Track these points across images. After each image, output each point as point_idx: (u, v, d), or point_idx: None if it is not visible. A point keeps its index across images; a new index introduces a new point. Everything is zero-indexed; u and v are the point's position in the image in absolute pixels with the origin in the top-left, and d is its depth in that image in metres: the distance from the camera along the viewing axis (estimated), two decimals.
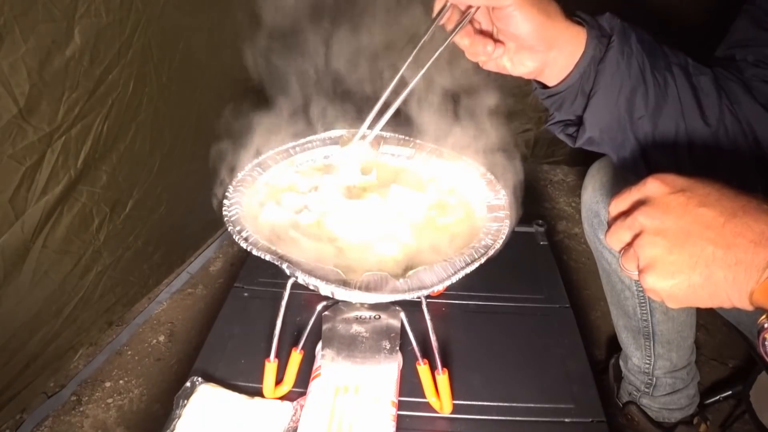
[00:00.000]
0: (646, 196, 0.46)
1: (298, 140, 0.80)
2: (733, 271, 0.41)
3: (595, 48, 0.59)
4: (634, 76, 0.60)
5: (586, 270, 1.61)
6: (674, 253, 0.43)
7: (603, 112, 0.62)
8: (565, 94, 0.63)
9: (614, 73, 0.59)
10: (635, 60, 0.60)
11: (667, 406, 1.09)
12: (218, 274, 1.56)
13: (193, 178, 1.31)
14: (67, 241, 1.05)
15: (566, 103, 0.64)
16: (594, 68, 0.60)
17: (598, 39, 0.59)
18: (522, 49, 0.59)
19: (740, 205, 0.42)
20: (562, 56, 0.60)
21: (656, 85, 0.60)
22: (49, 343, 1.11)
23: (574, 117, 0.65)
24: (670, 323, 1.01)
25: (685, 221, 0.43)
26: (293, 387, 0.77)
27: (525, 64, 0.60)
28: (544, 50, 0.58)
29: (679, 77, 0.61)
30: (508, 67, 0.61)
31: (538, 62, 0.60)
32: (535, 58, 0.59)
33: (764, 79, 0.62)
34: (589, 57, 0.60)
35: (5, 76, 0.82)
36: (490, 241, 0.63)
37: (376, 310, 0.72)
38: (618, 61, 0.59)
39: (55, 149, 0.95)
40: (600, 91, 0.60)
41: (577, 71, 0.60)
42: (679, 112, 0.61)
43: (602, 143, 0.64)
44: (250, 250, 0.59)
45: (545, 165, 2.08)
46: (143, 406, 1.20)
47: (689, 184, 0.45)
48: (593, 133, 0.63)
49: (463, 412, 0.75)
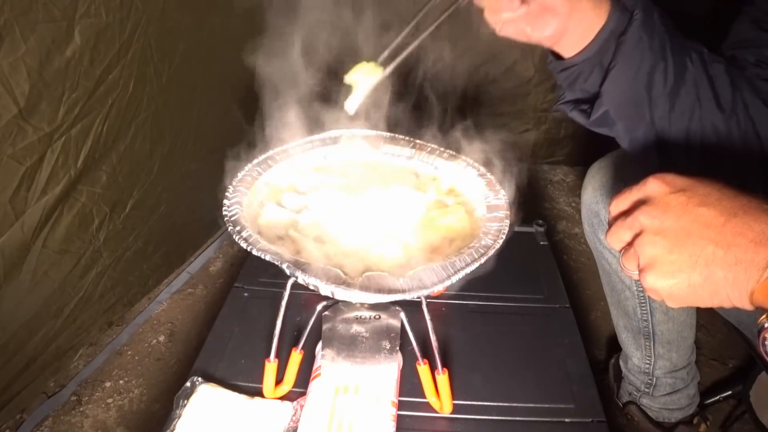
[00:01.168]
0: (647, 196, 0.46)
1: (298, 140, 0.80)
2: (734, 271, 0.40)
3: (618, 20, 0.58)
4: (656, 51, 0.59)
5: (586, 270, 1.61)
6: (674, 252, 0.43)
7: (622, 86, 0.60)
8: (581, 66, 0.62)
9: (635, 46, 0.58)
10: (657, 36, 0.59)
11: (667, 406, 1.09)
12: (218, 274, 1.56)
13: (193, 178, 1.31)
14: (67, 241, 1.05)
15: (581, 77, 0.63)
16: (614, 41, 0.59)
17: (621, 11, 0.58)
18: (544, 11, 0.58)
19: (740, 205, 0.42)
20: (583, 24, 0.59)
21: (675, 64, 0.59)
22: (49, 343, 1.11)
23: (585, 95, 0.64)
24: (670, 323, 1.01)
25: (686, 221, 0.43)
26: (293, 387, 0.77)
27: (545, 27, 0.59)
28: (567, 12, 0.58)
29: (696, 62, 0.60)
30: (527, 31, 0.60)
31: (559, 27, 0.59)
32: (556, 22, 0.58)
33: (765, 78, 0.62)
34: (609, 28, 0.58)
35: (5, 76, 0.82)
36: (490, 241, 0.63)
37: (376, 310, 0.72)
38: (641, 34, 0.58)
39: (55, 149, 0.95)
40: (620, 65, 0.59)
41: (596, 43, 0.59)
42: (695, 96, 0.61)
43: (617, 121, 0.63)
44: (250, 250, 0.59)
45: (545, 165, 2.08)
46: (143, 406, 1.20)
47: (690, 184, 0.45)
48: (610, 106, 0.61)
49: (463, 412, 0.75)
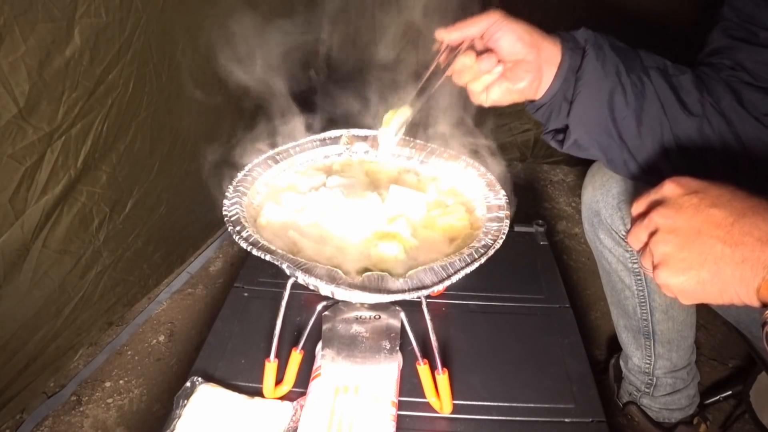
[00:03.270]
0: (663, 197, 0.49)
1: (298, 140, 0.80)
2: (741, 268, 0.42)
3: (571, 57, 0.65)
4: (611, 78, 0.65)
5: (586, 270, 1.61)
6: (685, 250, 0.45)
7: (586, 115, 0.66)
8: (551, 104, 0.68)
9: (590, 77, 0.65)
10: (610, 63, 0.65)
11: (668, 406, 1.09)
12: (218, 274, 1.56)
13: (193, 178, 1.31)
14: (67, 241, 1.05)
15: (554, 112, 0.69)
16: (573, 76, 0.66)
17: (572, 50, 0.65)
18: (518, 63, 0.65)
19: (750, 206, 0.44)
20: (549, 68, 0.66)
21: (633, 85, 0.65)
22: (49, 343, 1.11)
23: (562, 125, 0.70)
24: (670, 323, 1.01)
25: (697, 220, 0.45)
26: (293, 387, 0.77)
27: (522, 77, 0.66)
28: (536, 57, 0.64)
29: (656, 78, 0.66)
30: (510, 87, 0.66)
31: (533, 72, 0.65)
32: (530, 68, 0.65)
33: (741, 79, 0.65)
34: (566, 66, 0.65)
35: (5, 76, 0.82)
36: (490, 241, 0.63)
37: (376, 310, 0.72)
38: (594, 66, 0.65)
39: (55, 149, 0.95)
40: (580, 96, 0.65)
41: (557, 80, 0.66)
42: (659, 108, 0.65)
43: (589, 146, 0.69)
44: (250, 250, 0.59)
45: (545, 165, 2.08)
46: (143, 406, 1.20)
47: (703, 187, 0.47)
48: (578, 135, 0.68)
49: (463, 412, 0.75)
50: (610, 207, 0.92)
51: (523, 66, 0.65)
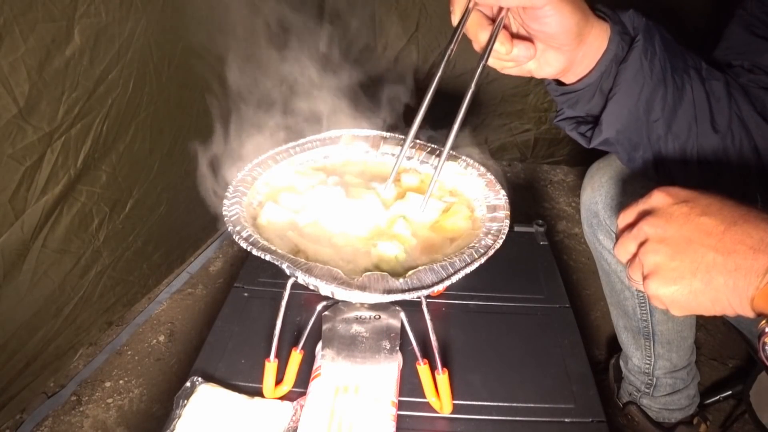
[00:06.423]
0: (652, 207, 0.48)
1: (298, 140, 0.80)
2: (733, 277, 0.41)
3: (618, 46, 0.56)
4: (656, 77, 0.58)
5: (586, 270, 1.61)
6: (676, 259, 0.44)
7: (622, 113, 0.59)
8: (583, 92, 0.60)
9: (636, 73, 0.57)
10: (658, 61, 0.57)
11: (668, 406, 1.09)
12: (218, 274, 1.56)
13: (193, 178, 1.31)
14: (67, 241, 1.05)
15: (581, 101, 0.61)
16: (615, 67, 0.57)
17: (621, 36, 0.56)
18: (549, 49, 0.56)
19: (740, 214, 0.43)
20: (588, 56, 0.57)
21: (675, 88, 0.59)
22: (49, 343, 1.11)
23: (587, 115, 0.63)
24: (670, 323, 1.02)
25: (687, 229, 0.44)
26: (293, 387, 0.77)
27: (551, 64, 0.57)
28: (573, 48, 0.55)
29: (695, 81, 0.60)
30: (533, 70, 0.58)
31: (565, 62, 0.57)
32: (562, 58, 0.56)
33: (760, 85, 0.62)
34: (611, 55, 0.57)
35: (5, 76, 0.82)
36: (490, 241, 0.63)
37: (376, 310, 0.72)
38: (641, 61, 0.57)
39: (54, 149, 0.95)
40: (620, 92, 0.58)
41: (598, 69, 0.58)
42: (692, 115, 0.60)
43: (617, 144, 0.62)
44: (250, 250, 0.59)
45: (545, 165, 2.09)
46: (143, 406, 1.20)
47: (692, 196, 0.46)
48: (610, 134, 0.61)
49: (463, 412, 0.75)
50: (609, 208, 0.92)
51: (554, 52, 0.56)
